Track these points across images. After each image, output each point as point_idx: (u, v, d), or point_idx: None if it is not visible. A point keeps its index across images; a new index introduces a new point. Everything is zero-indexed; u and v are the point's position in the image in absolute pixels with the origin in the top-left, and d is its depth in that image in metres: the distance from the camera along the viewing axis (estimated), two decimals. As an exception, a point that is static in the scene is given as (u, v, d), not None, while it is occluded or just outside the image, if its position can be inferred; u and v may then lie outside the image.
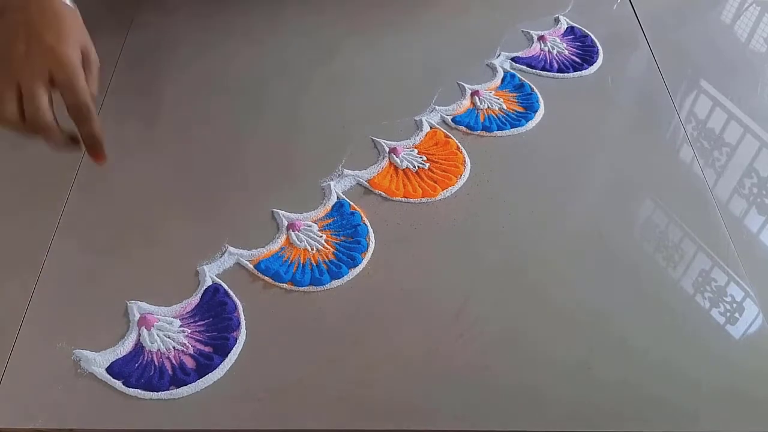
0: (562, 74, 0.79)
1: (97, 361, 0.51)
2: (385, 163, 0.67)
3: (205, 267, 0.58)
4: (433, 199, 0.64)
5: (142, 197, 0.63)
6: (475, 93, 0.75)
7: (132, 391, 0.50)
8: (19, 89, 0.50)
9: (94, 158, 0.53)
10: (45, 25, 0.51)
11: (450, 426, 0.50)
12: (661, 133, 0.73)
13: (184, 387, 0.50)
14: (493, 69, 0.79)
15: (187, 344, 0.53)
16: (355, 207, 0.63)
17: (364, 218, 0.62)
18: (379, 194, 0.64)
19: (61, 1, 0.54)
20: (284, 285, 0.57)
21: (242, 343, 0.53)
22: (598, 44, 0.83)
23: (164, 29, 0.82)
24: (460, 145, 0.69)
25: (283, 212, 0.62)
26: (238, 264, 0.58)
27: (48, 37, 0.51)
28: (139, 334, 0.53)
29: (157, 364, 0.52)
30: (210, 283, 0.57)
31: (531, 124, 0.72)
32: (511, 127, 0.72)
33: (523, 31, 0.84)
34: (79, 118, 0.51)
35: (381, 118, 0.72)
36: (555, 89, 0.77)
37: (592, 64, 0.80)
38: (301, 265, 0.58)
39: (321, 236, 0.61)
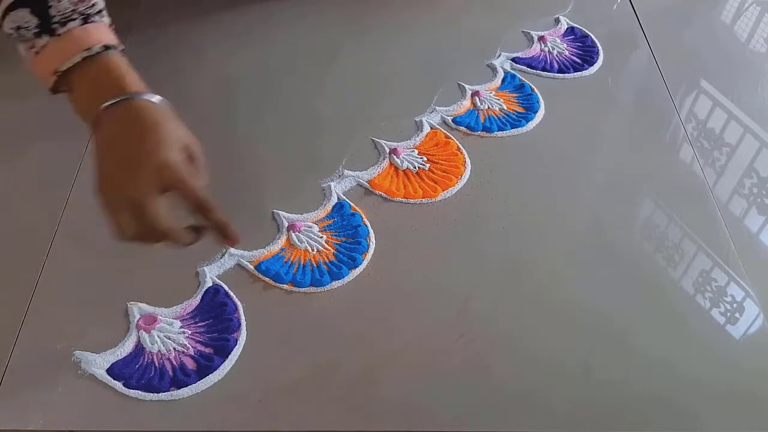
0: (562, 74, 0.79)
1: (98, 363, 0.51)
2: (386, 163, 0.67)
3: (205, 268, 0.58)
4: (434, 199, 0.64)
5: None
6: (475, 93, 0.75)
7: (132, 393, 0.50)
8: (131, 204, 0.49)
9: (227, 242, 0.52)
10: (142, 134, 0.51)
11: (450, 426, 0.50)
12: (661, 133, 0.73)
13: (185, 388, 0.50)
14: (494, 69, 0.79)
15: (188, 345, 0.53)
16: (356, 208, 0.63)
17: (365, 219, 0.62)
18: (380, 195, 0.64)
19: (152, 103, 0.53)
20: (285, 286, 0.57)
21: (243, 344, 0.53)
22: (598, 44, 0.83)
23: (163, 31, 0.82)
24: (460, 146, 0.69)
25: (284, 213, 0.62)
26: (239, 265, 0.58)
27: (148, 146, 0.50)
28: (140, 336, 0.53)
29: (157, 365, 0.52)
30: (210, 284, 0.57)
31: (531, 125, 0.72)
32: (512, 128, 0.72)
33: (523, 32, 0.84)
34: (201, 211, 0.50)
35: (381, 118, 0.72)
36: (555, 90, 0.77)
37: (592, 65, 0.80)
38: (302, 266, 0.58)
39: (321, 237, 0.61)
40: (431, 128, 0.71)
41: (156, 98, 0.53)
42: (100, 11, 0.54)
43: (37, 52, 0.53)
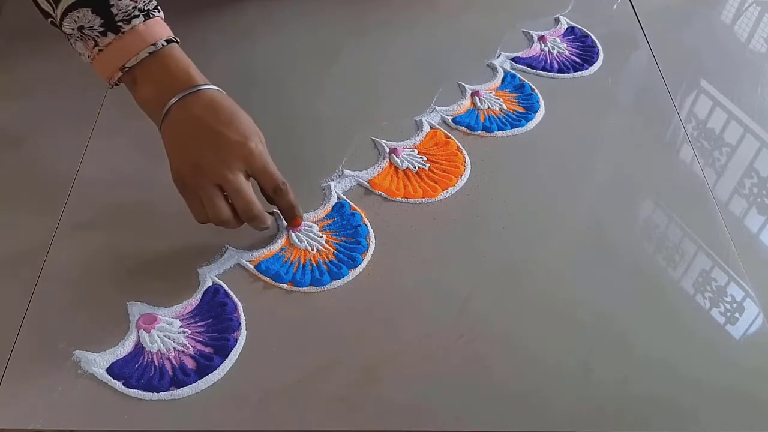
0: (562, 74, 0.79)
1: (98, 362, 0.51)
2: (386, 163, 0.67)
3: (205, 268, 0.58)
4: (434, 199, 0.64)
5: (142, 197, 0.63)
6: (475, 93, 0.75)
7: (132, 392, 0.50)
8: (221, 189, 0.54)
9: (294, 225, 0.60)
10: (224, 124, 0.55)
11: (450, 426, 0.50)
12: (661, 133, 0.73)
13: (185, 388, 0.50)
14: (494, 69, 0.79)
15: (188, 345, 0.53)
16: (356, 207, 0.63)
17: (365, 219, 0.62)
18: (380, 195, 0.65)
19: (220, 92, 0.57)
20: (284, 286, 0.57)
21: (242, 343, 0.53)
22: (598, 44, 0.83)
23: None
24: (460, 146, 0.69)
25: (284, 213, 0.62)
26: (239, 264, 0.58)
27: (232, 134, 0.55)
28: (139, 335, 0.53)
29: (157, 364, 0.52)
30: (210, 284, 0.57)
31: (531, 125, 0.72)
32: (512, 128, 0.72)
33: (523, 32, 0.84)
34: (279, 195, 0.57)
35: (381, 118, 0.72)
36: (555, 89, 0.77)
37: (592, 65, 0.80)
38: (302, 265, 0.58)
39: (321, 237, 0.61)
40: (431, 128, 0.71)
41: (217, 88, 0.57)
42: (156, 6, 0.56)
43: (100, 50, 0.55)
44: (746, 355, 0.55)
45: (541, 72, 0.79)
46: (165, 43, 0.56)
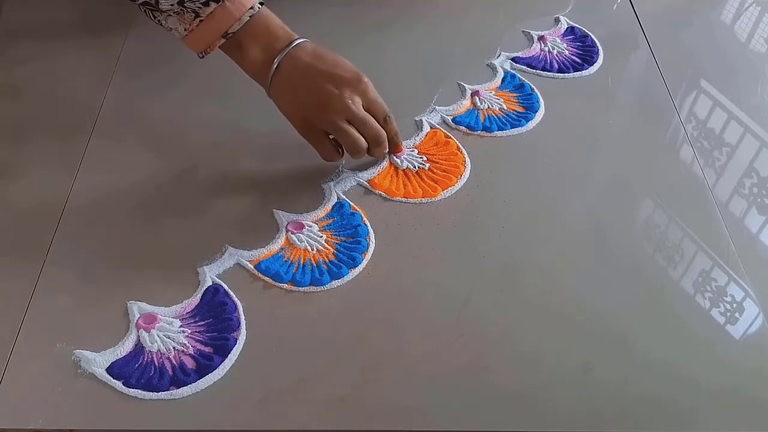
0: (562, 74, 0.79)
1: (98, 362, 0.51)
2: (386, 163, 0.67)
3: (205, 267, 0.58)
4: (434, 199, 0.64)
5: (142, 197, 0.63)
6: (475, 93, 0.75)
7: (132, 392, 0.50)
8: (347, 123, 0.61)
9: (397, 151, 0.66)
10: (334, 66, 0.61)
11: (450, 426, 0.50)
12: (661, 133, 0.73)
13: (185, 387, 0.50)
14: (494, 69, 0.79)
15: (187, 344, 0.53)
16: (356, 207, 0.63)
17: (365, 218, 0.62)
18: (380, 194, 0.65)
19: (314, 43, 0.62)
20: (284, 285, 0.57)
21: (242, 343, 0.53)
22: (598, 44, 0.83)
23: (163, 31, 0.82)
24: (460, 146, 0.69)
25: (283, 212, 0.62)
26: (239, 264, 0.58)
27: (345, 73, 0.61)
28: (139, 335, 0.53)
29: (157, 364, 0.52)
30: (210, 284, 0.57)
31: (531, 125, 0.72)
32: (512, 128, 0.72)
33: (523, 32, 0.84)
34: (388, 122, 0.63)
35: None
36: (555, 89, 0.77)
37: (592, 65, 0.80)
38: (302, 265, 0.58)
39: (321, 236, 0.61)
40: (431, 128, 0.71)
41: (309, 40, 0.63)
42: None
43: (201, 21, 0.59)
44: (746, 355, 0.55)
45: (541, 72, 0.79)
46: (260, 6, 0.60)
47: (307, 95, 0.61)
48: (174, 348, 0.53)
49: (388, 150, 0.65)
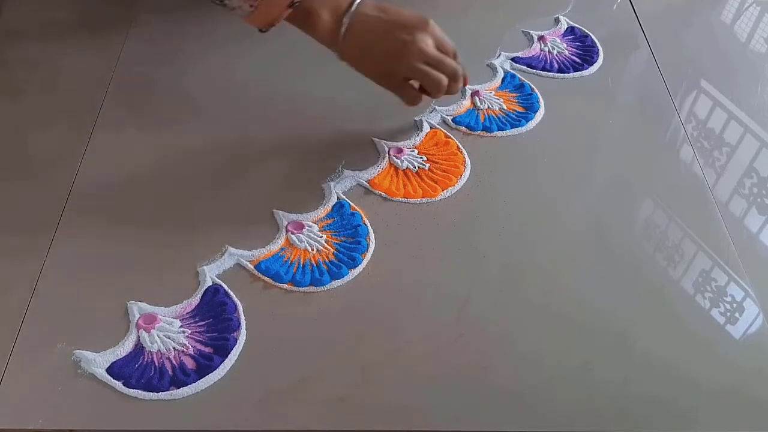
0: (562, 74, 0.79)
1: (98, 362, 0.51)
2: (386, 163, 0.67)
3: (205, 267, 0.58)
4: (434, 199, 0.64)
5: (142, 197, 0.63)
6: (475, 93, 0.75)
7: (132, 392, 0.50)
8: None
9: (465, 84, 0.68)
10: (399, 15, 0.64)
11: (450, 426, 0.50)
12: (661, 133, 0.73)
13: (185, 387, 0.50)
14: (494, 69, 0.79)
15: (187, 345, 0.53)
16: (356, 207, 0.63)
17: (365, 219, 0.62)
18: (380, 195, 0.65)
19: None
20: (284, 285, 0.57)
21: (242, 343, 0.53)
22: (598, 44, 0.83)
23: (164, 29, 0.82)
24: (460, 146, 0.69)
25: (283, 212, 0.62)
26: (239, 264, 0.58)
27: (412, 20, 0.64)
28: (139, 335, 0.53)
29: (157, 364, 0.52)
30: (210, 284, 0.57)
31: (531, 125, 0.72)
32: (512, 128, 0.72)
33: (523, 32, 0.84)
34: (457, 58, 0.66)
35: (381, 118, 0.72)
36: (555, 89, 0.77)
37: (592, 65, 0.80)
38: (302, 265, 0.58)
39: (321, 237, 0.61)
40: (431, 128, 0.71)
41: None
42: None
43: None
44: (746, 356, 0.55)
45: (541, 72, 0.79)
46: None
47: (383, 48, 0.63)
48: (174, 348, 0.53)
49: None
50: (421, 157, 0.68)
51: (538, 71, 0.79)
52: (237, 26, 0.83)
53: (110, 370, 0.51)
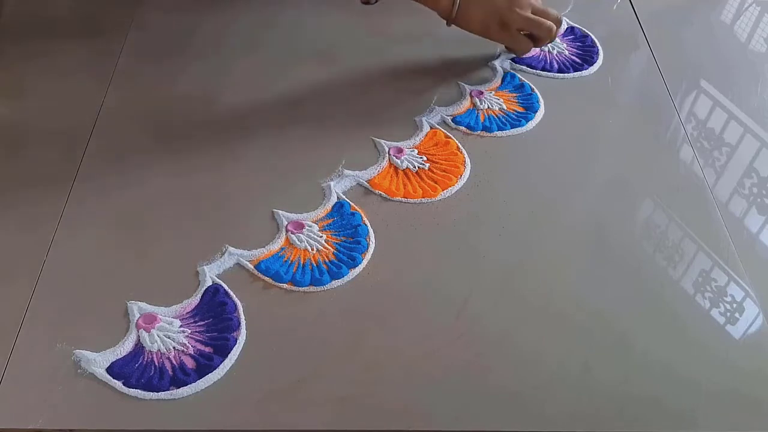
0: (562, 74, 0.79)
1: (98, 362, 0.51)
2: (385, 163, 0.67)
3: (205, 267, 0.58)
4: (434, 199, 0.64)
5: (142, 197, 0.63)
6: (475, 93, 0.75)
7: (132, 392, 0.50)
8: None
9: (558, 30, 0.78)
10: None
11: (449, 426, 0.50)
12: (661, 133, 0.73)
13: (185, 387, 0.50)
14: (493, 69, 0.79)
15: (187, 344, 0.53)
16: (356, 207, 0.63)
17: (365, 218, 0.62)
18: (380, 194, 0.65)
19: None
20: (284, 285, 0.57)
21: (242, 343, 0.53)
22: (598, 44, 0.83)
23: (165, 29, 0.82)
24: (460, 146, 0.69)
25: (283, 212, 0.62)
26: (239, 264, 0.58)
27: None
28: (139, 335, 0.53)
29: (157, 364, 0.52)
30: (210, 284, 0.57)
31: (531, 125, 0.72)
32: (512, 128, 0.72)
33: (523, 31, 0.84)
34: (551, 18, 0.76)
35: (381, 118, 0.72)
36: (555, 89, 0.77)
37: (592, 65, 0.80)
38: (302, 265, 0.58)
39: (321, 236, 0.61)
40: (431, 128, 0.71)
41: None
42: None
43: None
44: (746, 356, 0.55)
45: (541, 72, 0.79)
46: None
47: (496, 4, 0.73)
48: (174, 348, 0.53)
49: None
50: (421, 157, 0.68)
51: (538, 71, 0.79)
52: (237, 26, 0.83)
53: (110, 370, 0.51)
